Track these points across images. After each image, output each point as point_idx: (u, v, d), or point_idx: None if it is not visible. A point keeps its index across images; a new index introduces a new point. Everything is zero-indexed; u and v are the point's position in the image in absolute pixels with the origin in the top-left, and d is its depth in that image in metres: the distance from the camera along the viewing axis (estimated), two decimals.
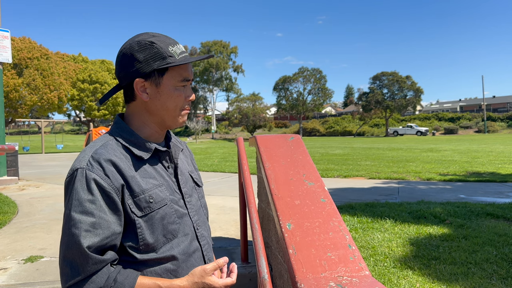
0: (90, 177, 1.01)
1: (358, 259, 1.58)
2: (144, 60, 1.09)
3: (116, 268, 1.01)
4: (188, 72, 1.15)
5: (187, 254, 1.15)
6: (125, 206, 1.05)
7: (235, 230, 4.70)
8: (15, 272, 3.38)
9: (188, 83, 1.16)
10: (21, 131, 74.61)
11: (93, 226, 0.99)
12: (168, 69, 1.12)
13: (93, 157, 1.05)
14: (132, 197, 1.06)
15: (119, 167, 1.06)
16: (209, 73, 62.26)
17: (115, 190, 1.04)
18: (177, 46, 1.14)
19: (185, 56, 1.15)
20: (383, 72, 56.18)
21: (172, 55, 1.11)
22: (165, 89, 1.12)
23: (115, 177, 1.04)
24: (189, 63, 1.17)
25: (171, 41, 1.14)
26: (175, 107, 1.14)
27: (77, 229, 0.98)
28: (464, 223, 4.92)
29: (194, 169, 1.36)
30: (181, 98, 1.15)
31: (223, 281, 1.11)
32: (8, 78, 27.13)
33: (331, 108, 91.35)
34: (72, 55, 41.76)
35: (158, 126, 1.18)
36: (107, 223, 1.01)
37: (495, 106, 68.41)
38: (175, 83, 1.13)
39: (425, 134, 50.83)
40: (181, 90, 1.15)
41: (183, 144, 1.36)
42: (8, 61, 9.80)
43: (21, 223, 5.31)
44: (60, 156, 23.33)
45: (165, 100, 1.13)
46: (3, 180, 9.49)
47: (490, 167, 11.73)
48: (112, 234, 1.01)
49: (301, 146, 2.57)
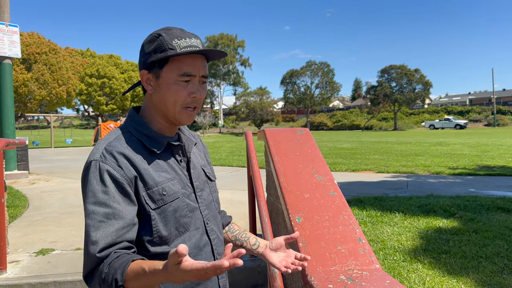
0: (103, 169, 1.03)
1: (368, 253, 1.57)
2: (148, 52, 1.11)
3: (119, 254, 0.98)
4: (191, 66, 1.09)
5: (198, 248, 1.15)
6: (139, 198, 1.06)
7: (244, 223, 4.71)
8: (27, 265, 3.43)
9: (191, 78, 1.10)
10: (30, 126, 75.35)
11: (106, 217, 0.99)
12: (168, 62, 1.09)
13: (106, 150, 1.07)
14: (146, 189, 1.07)
15: (132, 159, 1.07)
16: (216, 67, 62.18)
17: (128, 181, 1.04)
18: (185, 40, 1.08)
19: (190, 50, 1.08)
20: (392, 65, 55.67)
21: (173, 47, 1.07)
22: (163, 83, 1.11)
23: (128, 169, 1.05)
24: (197, 59, 1.11)
25: (183, 34, 1.10)
26: (174, 103, 1.10)
27: (91, 219, 0.99)
28: (474, 217, 4.88)
29: (207, 163, 1.35)
30: (181, 94, 1.10)
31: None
32: (17, 73, 27.35)
33: (338, 102, 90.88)
34: (80, 50, 41.99)
35: (165, 120, 1.16)
36: (121, 213, 1.01)
37: (505, 99, 67.50)
38: (175, 77, 1.09)
39: (464, 127, 47.02)
40: (182, 85, 1.09)
41: (196, 138, 1.34)
42: (18, 56, 9.85)
43: (32, 217, 5.37)
44: (69, 150, 23.54)
45: (163, 94, 1.11)
46: (14, 174, 9.60)
47: (500, 160, 11.60)
48: (127, 225, 1.01)
49: (310, 140, 2.55)
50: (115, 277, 0.90)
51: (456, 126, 47.42)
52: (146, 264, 0.88)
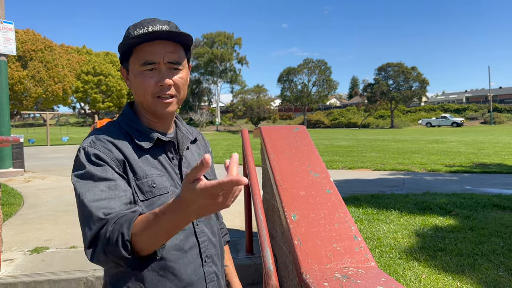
0: (91, 152, 1.02)
1: (364, 250, 1.56)
2: (119, 47, 1.09)
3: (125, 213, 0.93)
4: (151, 54, 1.03)
5: (183, 251, 1.09)
6: (130, 185, 1.03)
7: (240, 221, 4.70)
8: (21, 263, 3.40)
9: (155, 66, 1.04)
10: (26, 124, 75.00)
11: (108, 187, 0.97)
12: (132, 53, 1.07)
13: (96, 137, 1.06)
14: (135, 179, 1.04)
15: (121, 149, 1.05)
16: (213, 64, 62.05)
17: (117, 163, 1.02)
18: (147, 28, 1.04)
19: (139, 33, 1.03)
20: (389, 63, 55.70)
21: (133, 37, 1.03)
22: (132, 75, 1.09)
23: (117, 153, 1.04)
24: (159, 45, 1.04)
25: (147, 23, 1.06)
26: (144, 93, 1.07)
27: (89, 191, 0.95)
28: (470, 215, 4.89)
29: None
30: (148, 84, 1.05)
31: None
32: (13, 70, 27.18)
33: (336, 99, 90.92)
34: (76, 47, 41.77)
35: (149, 114, 1.13)
36: (120, 186, 0.99)
37: (502, 97, 67.83)
38: (138, 68, 1.06)
39: (461, 125, 47.28)
40: (146, 74, 1.05)
41: (195, 134, 1.29)
42: (13, 53, 9.79)
43: (27, 215, 5.34)
44: (65, 148, 23.45)
45: (134, 86, 1.09)
46: (9, 172, 9.55)
47: (497, 158, 11.65)
48: (128, 198, 0.99)
49: (306, 137, 2.54)
50: (121, 231, 0.84)
51: (453, 124, 47.52)
52: (153, 210, 0.83)
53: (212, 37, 62.92)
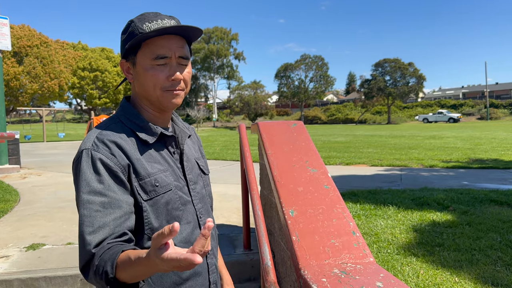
0: (96, 157, 1.00)
1: (362, 246, 1.55)
2: (123, 40, 1.08)
3: (111, 245, 0.94)
4: (164, 48, 1.03)
5: (189, 243, 1.11)
6: (132, 188, 1.03)
7: (237, 217, 4.68)
8: (17, 260, 3.38)
9: (167, 60, 1.05)
10: (22, 120, 74.58)
11: (103, 206, 0.96)
12: (140, 47, 1.05)
13: (98, 138, 1.03)
14: (138, 179, 1.03)
15: (124, 148, 1.04)
16: (210, 60, 61.89)
17: (122, 169, 1.01)
18: (156, 22, 1.04)
19: (158, 27, 1.03)
20: (386, 59, 55.74)
21: (143, 31, 1.03)
22: (139, 69, 1.07)
23: (121, 157, 1.02)
24: (171, 40, 1.04)
25: (155, 17, 1.05)
26: (153, 87, 1.06)
27: (86, 209, 0.95)
28: (467, 210, 4.89)
29: (201, 156, 1.32)
30: (159, 78, 1.05)
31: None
32: (8, 66, 27.01)
33: (333, 95, 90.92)
34: (72, 43, 41.54)
35: (152, 108, 1.12)
36: (118, 202, 0.98)
37: (498, 93, 67.95)
38: (149, 62, 1.04)
39: (458, 120, 47.03)
40: (158, 69, 1.04)
41: (191, 130, 1.31)
42: (8, 49, 9.72)
43: (23, 211, 5.31)
44: (62, 144, 23.35)
45: (142, 80, 1.07)
46: (5, 168, 9.50)
47: (493, 154, 11.68)
48: (124, 213, 0.98)
49: (304, 133, 2.53)
50: (105, 269, 0.86)
51: (450, 120, 47.50)
52: (132, 253, 0.84)
53: (209, 32, 62.70)
